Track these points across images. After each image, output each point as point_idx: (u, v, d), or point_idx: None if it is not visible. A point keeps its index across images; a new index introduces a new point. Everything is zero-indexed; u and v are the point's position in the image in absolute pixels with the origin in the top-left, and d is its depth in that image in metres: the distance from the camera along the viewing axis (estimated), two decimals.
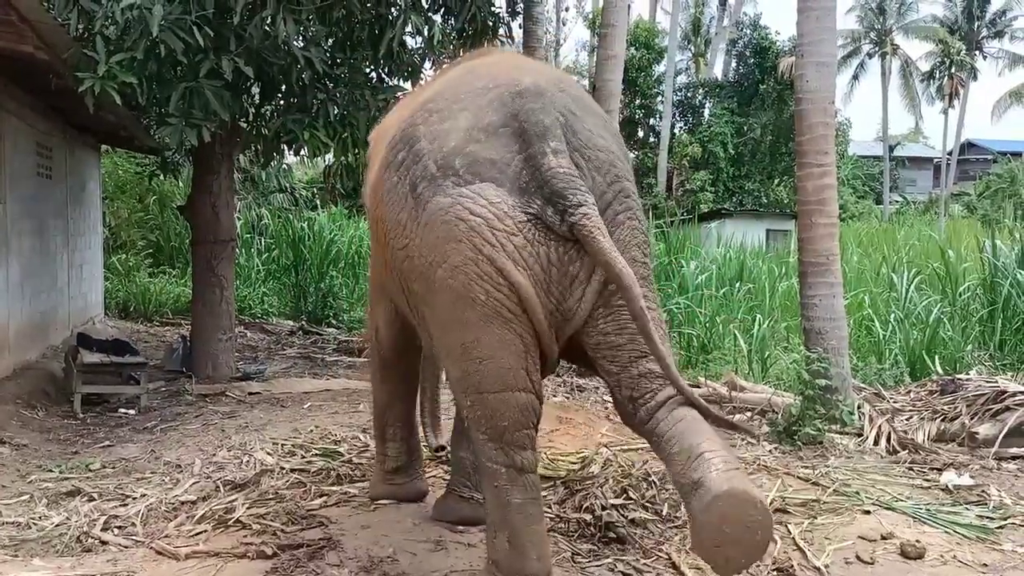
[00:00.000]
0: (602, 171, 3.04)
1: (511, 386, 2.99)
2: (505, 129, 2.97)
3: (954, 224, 25.93)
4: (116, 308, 12.85)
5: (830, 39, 6.82)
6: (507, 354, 2.96)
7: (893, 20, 36.31)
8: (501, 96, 3.03)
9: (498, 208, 2.88)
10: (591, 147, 3.04)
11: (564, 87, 3.20)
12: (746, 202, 26.91)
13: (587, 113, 3.16)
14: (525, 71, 3.21)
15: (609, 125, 3.29)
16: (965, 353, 8.94)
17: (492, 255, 2.88)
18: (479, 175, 2.92)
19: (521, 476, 3.06)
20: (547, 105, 3.00)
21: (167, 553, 3.69)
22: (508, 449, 3.05)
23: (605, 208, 2.99)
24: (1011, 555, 3.90)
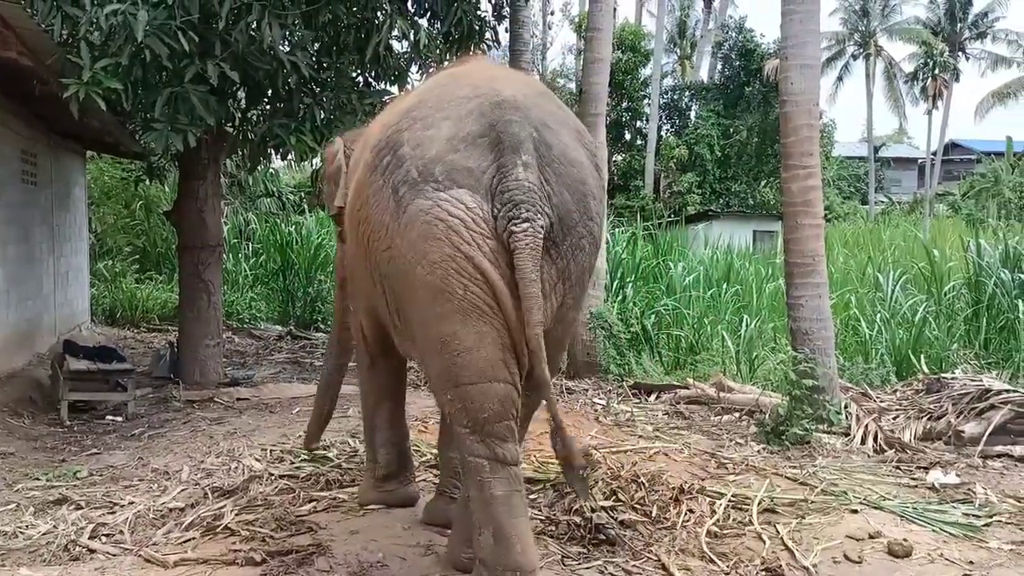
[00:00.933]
0: (571, 188, 3.09)
1: (490, 377, 3.04)
2: (483, 139, 3.04)
3: (939, 224, 26.09)
4: (103, 315, 12.78)
5: (814, 41, 6.85)
6: (484, 346, 3.02)
7: (877, 22, 36.48)
8: (481, 106, 3.10)
9: (474, 212, 2.98)
10: (563, 162, 3.09)
11: (541, 100, 3.27)
12: (733, 204, 27.00)
13: (562, 127, 3.21)
14: (506, 82, 3.26)
15: (583, 138, 3.32)
16: (951, 352, 8.99)
17: (470, 253, 2.97)
18: (456, 182, 3.00)
19: (503, 468, 3.09)
20: (523, 118, 3.06)
21: (155, 561, 3.68)
22: (489, 441, 3.08)
23: (572, 227, 3.06)
24: (997, 552, 3.93)
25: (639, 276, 11.86)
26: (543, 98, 3.34)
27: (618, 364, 8.61)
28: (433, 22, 8.17)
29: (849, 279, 12.83)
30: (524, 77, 3.58)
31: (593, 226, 3.15)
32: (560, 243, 3.05)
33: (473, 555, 3.40)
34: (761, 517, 4.30)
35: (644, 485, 4.51)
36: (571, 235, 3.05)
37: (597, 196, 3.21)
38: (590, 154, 3.28)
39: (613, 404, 7.15)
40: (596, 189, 3.21)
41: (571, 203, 3.06)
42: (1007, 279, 9.54)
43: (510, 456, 3.11)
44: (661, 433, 6.21)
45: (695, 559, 3.79)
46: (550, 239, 3.01)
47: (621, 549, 3.87)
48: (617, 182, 27.28)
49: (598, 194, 3.23)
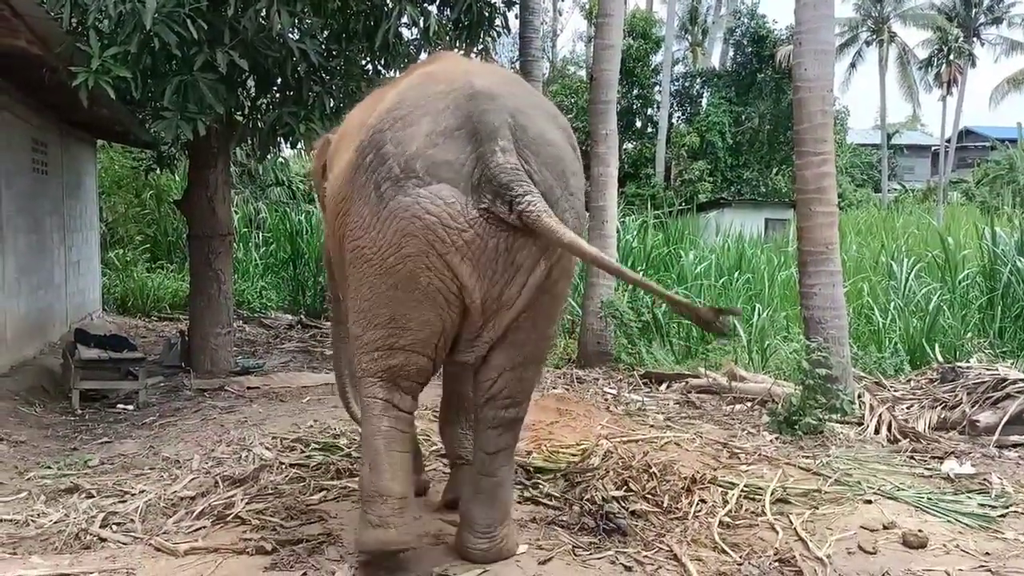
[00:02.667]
0: (550, 166, 3.23)
1: (418, 351, 3.32)
2: (460, 131, 3.15)
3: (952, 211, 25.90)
4: (114, 303, 12.82)
5: (828, 27, 6.78)
6: (426, 330, 3.27)
7: (890, 7, 36.13)
8: (457, 100, 3.20)
9: (452, 207, 3.10)
10: (540, 144, 3.21)
11: (514, 88, 3.41)
12: (744, 192, 26.87)
13: (537, 111, 3.34)
14: (478, 74, 3.37)
15: (558, 120, 3.45)
16: (965, 341, 8.92)
17: (441, 250, 3.12)
18: (436, 176, 3.12)
19: (395, 410, 3.38)
20: (498, 107, 3.16)
21: (166, 550, 3.67)
22: (392, 388, 3.37)
23: (554, 204, 3.17)
24: (1014, 543, 3.88)
25: (650, 265, 11.82)
26: (516, 85, 3.49)
27: (629, 353, 8.59)
28: (443, 9, 8.11)
29: (862, 267, 12.75)
30: (496, 68, 3.77)
31: (575, 200, 3.32)
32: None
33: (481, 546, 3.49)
34: (774, 507, 4.26)
35: (656, 475, 4.48)
36: (555, 209, 3.14)
37: (575, 172, 3.36)
38: (566, 134, 3.42)
39: (624, 393, 7.13)
40: (574, 166, 3.36)
41: (552, 180, 3.21)
42: (1022, 267, 9.45)
43: (404, 405, 3.40)
44: (672, 423, 6.17)
45: (707, 549, 3.75)
46: None
47: (632, 539, 3.83)
48: (628, 170, 27.14)
49: (576, 170, 3.38)
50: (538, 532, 3.91)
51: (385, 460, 3.36)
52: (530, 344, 3.40)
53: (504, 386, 3.43)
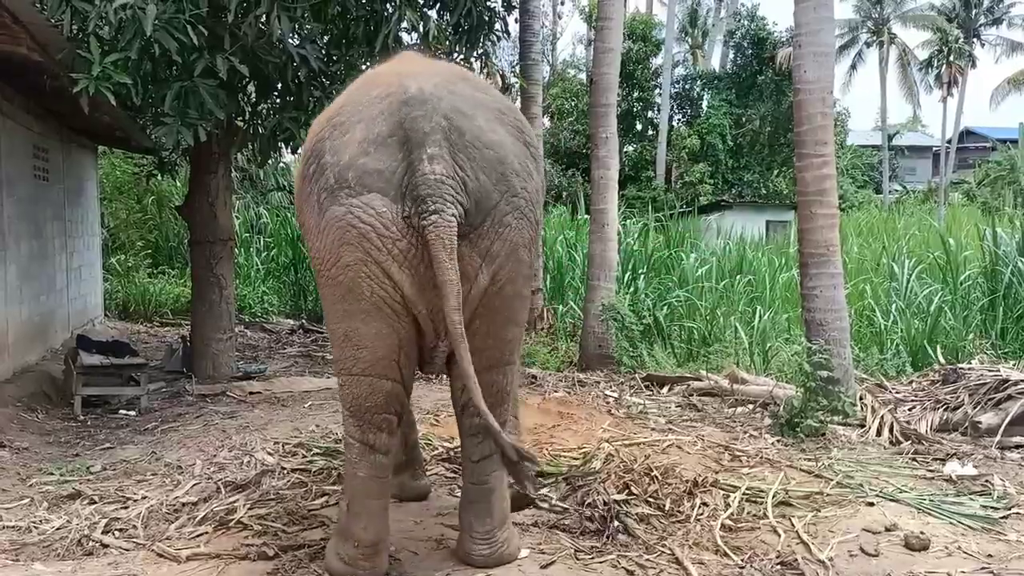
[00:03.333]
0: (487, 170, 3.15)
1: (380, 373, 3.28)
2: (392, 138, 3.11)
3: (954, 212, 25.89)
4: (116, 309, 12.83)
5: (828, 29, 6.78)
6: (381, 345, 3.23)
7: (890, 9, 36.18)
8: (390, 106, 3.15)
9: (383, 217, 3.08)
10: (477, 146, 3.15)
11: (456, 88, 3.29)
12: (745, 194, 26.88)
13: (478, 110, 3.25)
14: (417, 77, 3.26)
15: (507, 117, 3.36)
16: (967, 342, 8.92)
17: (379, 258, 3.10)
18: (367, 186, 3.10)
19: (371, 454, 3.37)
20: (430, 111, 3.10)
21: (168, 555, 3.68)
22: (366, 428, 3.36)
23: (492, 207, 3.14)
24: (1016, 545, 3.87)
25: (651, 267, 11.82)
26: (461, 85, 3.35)
27: (630, 356, 8.59)
28: (442, 13, 8.11)
29: (864, 269, 12.74)
30: (443, 67, 3.62)
31: (519, 202, 3.23)
32: (480, 225, 3.14)
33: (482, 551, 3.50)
34: (776, 510, 4.26)
35: (657, 478, 4.47)
36: (492, 215, 3.13)
37: (522, 172, 3.26)
38: (517, 131, 3.34)
39: (626, 396, 7.12)
40: (519, 168, 3.25)
41: (488, 184, 3.14)
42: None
43: (380, 445, 3.37)
44: (674, 425, 6.17)
45: (709, 553, 3.75)
46: (468, 224, 3.09)
47: (635, 543, 3.84)
48: (628, 173, 27.16)
49: (523, 172, 3.27)
50: (540, 536, 3.92)
51: (361, 508, 3.38)
52: (489, 349, 3.35)
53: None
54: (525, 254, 3.29)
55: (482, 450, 3.49)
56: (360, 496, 3.39)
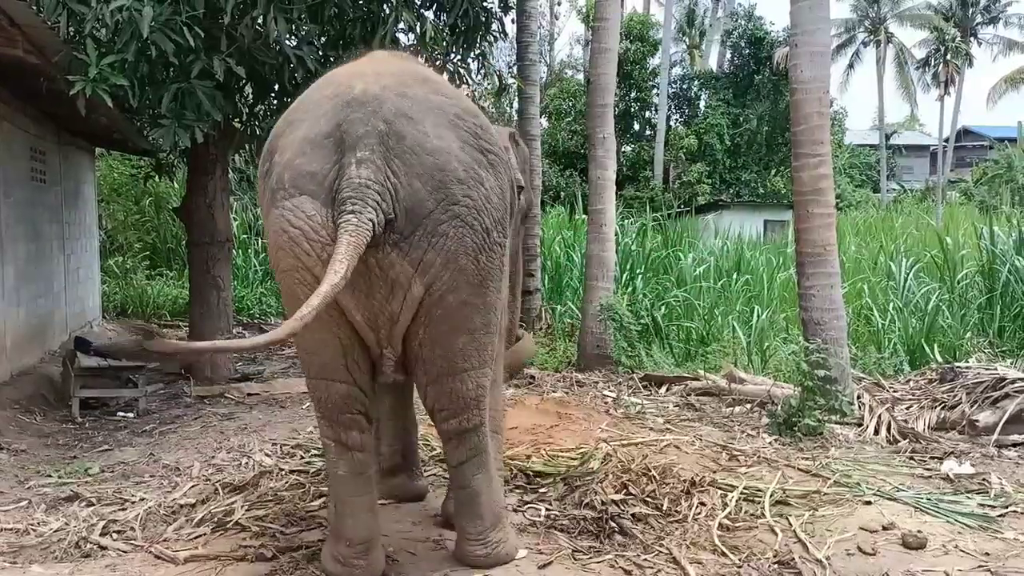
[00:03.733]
0: (424, 177, 3.02)
1: (331, 377, 3.30)
2: (329, 140, 3.03)
3: (951, 211, 25.91)
4: (114, 311, 12.82)
5: (824, 28, 6.79)
6: (326, 350, 3.24)
7: (887, 8, 36.18)
8: (334, 106, 3.07)
9: (314, 221, 2.99)
10: (416, 152, 3.02)
11: (408, 91, 3.16)
12: (743, 193, 26.91)
13: (428, 115, 3.11)
14: (366, 77, 3.17)
15: (462, 122, 3.19)
16: (964, 340, 8.94)
17: (309, 264, 3.03)
18: (300, 188, 3.03)
19: (347, 452, 3.37)
20: (368, 114, 3.01)
21: (166, 557, 3.67)
22: (336, 427, 3.37)
23: (425, 216, 3.02)
24: (1013, 543, 3.88)
25: (649, 267, 11.83)
26: (417, 87, 3.22)
27: (628, 356, 8.59)
28: (439, 14, 8.11)
29: (861, 268, 12.76)
30: (403, 68, 3.41)
31: (459, 209, 3.07)
32: (411, 235, 3.02)
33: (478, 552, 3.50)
34: (773, 509, 4.27)
35: (655, 478, 4.48)
36: (425, 224, 3.01)
37: (467, 179, 3.10)
38: (471, 136, 3.19)
39: (624, 396, 7.13)
40: (466, 173, 3.10)
41: (423, 192, 3.01)
42: (1021, 266, 9.47)
43: (352, 442, 3.36)
44: (672, 425, 6.18)
45: (707, 552, 3.75)
46: (397, 232, 2.99)
47: (632, 542, 3.84)
48: (626, 173, 27.21)
49: (470, 177, 3.11)
50: (537, 536, 3.92)
51: (346, 506, 3.40)
52: (440, 359, 3.27)
53: (435, 399, 3.38)
54: (469, 262, 3.14)
55: (459, 456, 3.47)
56: (345, 495, 3.41)
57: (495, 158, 3.29)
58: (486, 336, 3.37)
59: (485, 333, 3.36)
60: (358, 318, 3.13)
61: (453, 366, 3.32)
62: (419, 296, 3.10)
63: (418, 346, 3.23)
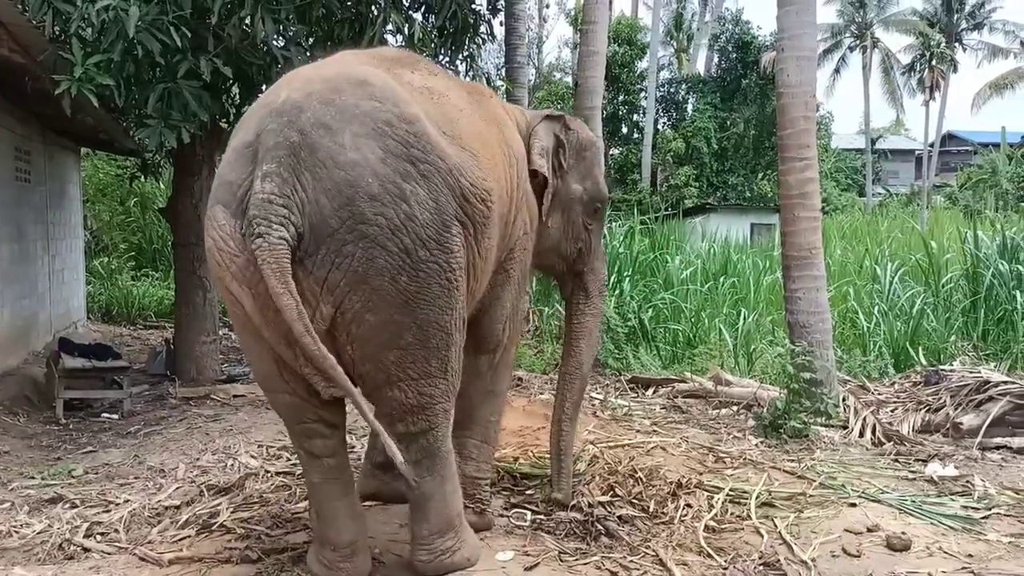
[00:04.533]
0: (331, 193, 2.87)
1: (272, 388, 3.30)
2: (248, 149, 2.98)
3: (936, 215, 26.08)
4: (99, 312, 12.74)
5: (811, 33, 6.84)
6: (261, 362, 3.21)
7: (873, 13, 36.42)
8: (261, 115, 3.03)
9: (223, 231, 2.95)
10: (327, 166, 2.89)
11: (336, 98, 3.00)
12: (730, 197, 26.98)
13: (349, 124, 2.96)
14: (294, 84, 3.10)
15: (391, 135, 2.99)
16: (949, 344, 8.99)
17: (221, 275, 3.02)
18: (217, 199, 3.02)
19: (315, 460, 3.35)
20: (283, 124, 2.92)
21: (150, 559, 3.65)
22: (298, 437, 3.38)
23: (329, 235, 2.88)
24: (996, 545, 3.91)
25: (636, 270, 11.84)
26: (348, 92, 3.04)
27: (616, 358, 8.60)
28: (427, 16, 8.11)
29: (847, 271, 12.82)
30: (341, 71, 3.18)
31: (368, 229, 2.89)
32: (314, 253, 2.89)
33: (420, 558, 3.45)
34: (759, 511, 4.29)
35: (641, 480, 4.50)
36: (329, 243, 2.88)
37: (382, 196, 2.91)
38: (400, 146, 2.99)
39: (611, 398, 7.13)
40: (381, 188, 2.91)
41: (328, 209, 2.87)
42: (1005, 270, 9.54)
43: (317, 450, 3.34)
44: (659, 427, 6.19)
45: (693, 554, 3.77)
46: (303, 250, 2.89)
47: (618, 544, 3.85)
48: (614, 176, 27.26)
49: (387, 192, 2.92)
50: (524, 538, 3.92)
51: (326, 511, 3.39)
52: (372, 372, 3.14)
53: (377, 405, 3.24)
54: (384, 283, 2.96)
55: (408, 458, 3.28)
56: (323, 500, 3.39)
57: (428, 168, 3.04)
58: (424, 350, 3.16)
59: (423, 348, 3.15)
60: (267, 333, 3.01)
61: (388, 377, 3.17)
62: (329, 315, 2.98)
63: (348, 362, 3.09)
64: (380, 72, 3.24)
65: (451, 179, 3.11)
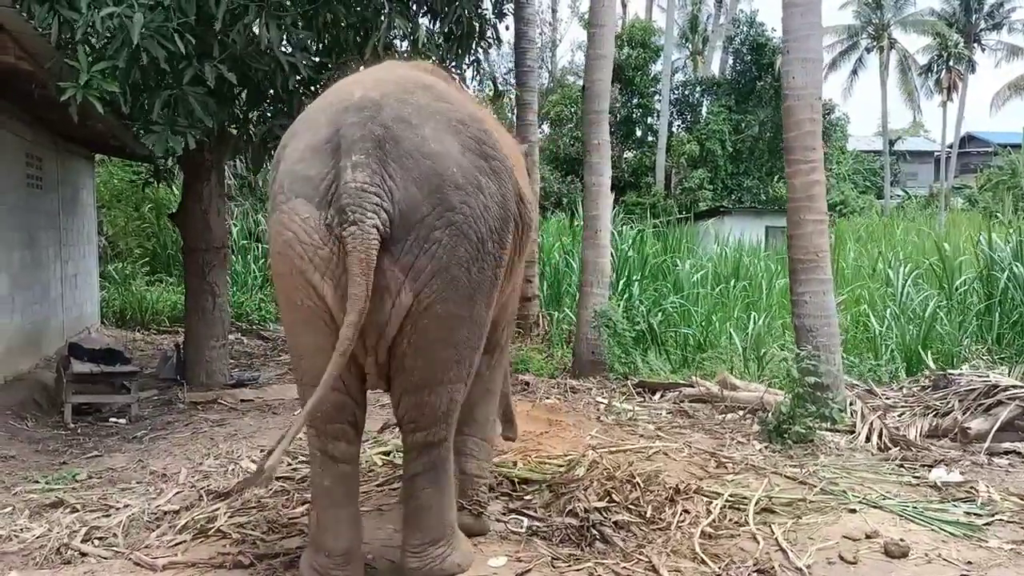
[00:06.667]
0: (420, 181, 3.02)
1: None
2: (327, 145, 3.05)
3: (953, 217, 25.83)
4: (113, 317, 12.84)
5: (816, 35, 6.78)
6: (320, 357, 3.11)
7: (891, 14, 36.20)
8: (334, 112, 3.12)
9: (307, 223, 3.01)
10: (413, 156, 3.02)
11: (410, 97, 3.17)
12: (745, 199, 26.84)
13: (428, 120, 3.12)
14: (366, 84, 3.22)
15: (466, 129, 3.20)
16: (963, 347, 8.89)
17: (302, 267, 3.04)
18: (296, 192, 3.06)
19: (333, 464, 3.36)
20: (365, 118, 3.03)
21: (144, 564, 3.67)
22: (324, 438, 3.35)
23: (419, 221, 3.01)
24: (997, 552, 3.85)
25: (646, 274, 11.81)
26: (419, 94, 3.23)
27: (622, 363, 8.57)
28: (433, 20, 8.12)
29: (861, 275, 12.72)
30: (407, 76, 3.41)
31: (454, 216, 3.06)
32: (403, 239, 3.01)
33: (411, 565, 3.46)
34: (758, 517, 4.25)
35: (639, 485, 4.45)
36: (418, 229, 3.00)
37: (465, 186, 3.10)
38: (474, 143, 3.19)
39: (615, 403, 7.10)
40: (465, 179, 3.10)
41: (419, 196, 3.01)
42: (1020, 273, 9.43)
43: (339, 454, 3.35)
44: (663, 432, 6.16)
45: (687, 560, 3.73)
46: (391, 236, 2.98)
47: (612, 550, 3.82)
48: (628, 179, 27.20)
49: (469, 183, 3.11)
50: (518, 544, 3.90)
51: (328, 517, 3.38)
52: (420, 370, 3.23)
53: (406, 411, 3.34)
54: (461, 273, 3.11)
55: (414, 468, 3.42)
56: (327, 506, 3.39)
57: (498, 164, 3.26)
58: (468, 350, 3.33)
59: (468, 347, 3.33)
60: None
61: (432, 378, 3.29)
62: (408, 304, 3.06)
63: (400, 355, 3.18)
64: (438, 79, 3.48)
65: (511, 179, 3.35)
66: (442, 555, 3.48)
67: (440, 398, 3.33)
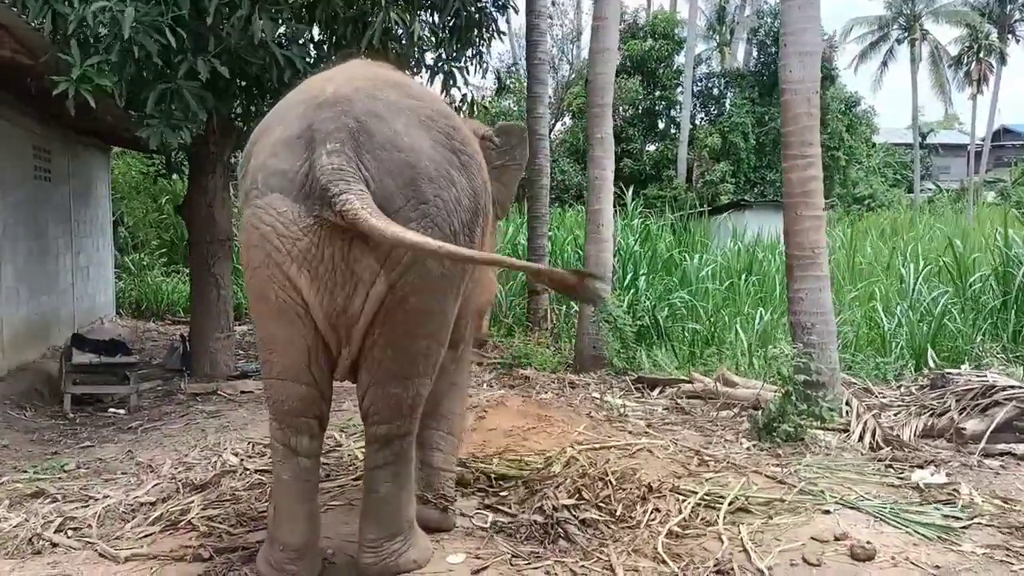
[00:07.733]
0: (394, 173, 3.06)
1: (293, 377, 3.27)
2: (300, 140, 3.08)
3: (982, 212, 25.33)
4: (129, 307, 13.01)
5: (813, 28, 6.68)
6: (292, 350, 3.21)
7: (922, 5, 35.57)
8: (306, 109, 3.15)
9: (284, 216, 3.04)
10: (387, 148, 3.07)
11: (380, 93, 3.21)
12: (768, 193, 26.52)
13: (399, 115, 3.17)
14: (337, 81, 3.25)
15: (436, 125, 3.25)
16: (975, 345, 8.72)
17: (279, 260, 3.07)
18: (271, 187, 3.09)
19: (294, 458, 3.36)
20: (338, 113, 3.07)
21: (108, 556, 3.70)
22: (287, 431, 3.35)
23: (394, 212, 3.01)
24: (969, 556, 3.75)
25: (655, 268, 11.71)
26: (388, 91, 3.26)
27: (622, 358, 8.51)
28: (432, 13, 8.10)
29: (876, 271, 12.52)
30: (376, 73, 3.44)
31: (428, 208, 3.10)
32: None
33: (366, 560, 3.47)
34: (731, 517, 4.17)
35: (611, 483, 4.42)
36: (395, 219, 2.97)
37: (438, 179, 3.14)
38: (444, 137, 3.24)
39: (607, 398, 7.05)
40: (437, 172, 3.14)
41: (393, 188, 3.05)
42: None
43: (302, 448, 3.36)
44: (652, 429, 6.10)
45: (646, 559, 3.68)
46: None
47: (574, 548, 3.79)
48: (649, 172, 26.98)
49: (441, 176, 3.16)
50: (480, 541, 3.88)
51: (285, 512, 3.39)
52: (388, 362, 3.26)
53: (371, 403, 3.35)
54: (434, 265, 3.14)
55: (375, 461, 3.44)
56: (285, 500, 3.39)
57: (467, 159, 3.32)
58: (435, 344, 3.38)
59: (435, 341, 3.38)
60: (320, 315, 3.12)
61: (400, 370, 3.32)
62: (382, 294, 3.09)
63: (370, 347, 3.22)
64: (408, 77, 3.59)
65: (480, 173, 3.41)
66: (398, 551, 3.47)
67: (407, 391, 3.36)
